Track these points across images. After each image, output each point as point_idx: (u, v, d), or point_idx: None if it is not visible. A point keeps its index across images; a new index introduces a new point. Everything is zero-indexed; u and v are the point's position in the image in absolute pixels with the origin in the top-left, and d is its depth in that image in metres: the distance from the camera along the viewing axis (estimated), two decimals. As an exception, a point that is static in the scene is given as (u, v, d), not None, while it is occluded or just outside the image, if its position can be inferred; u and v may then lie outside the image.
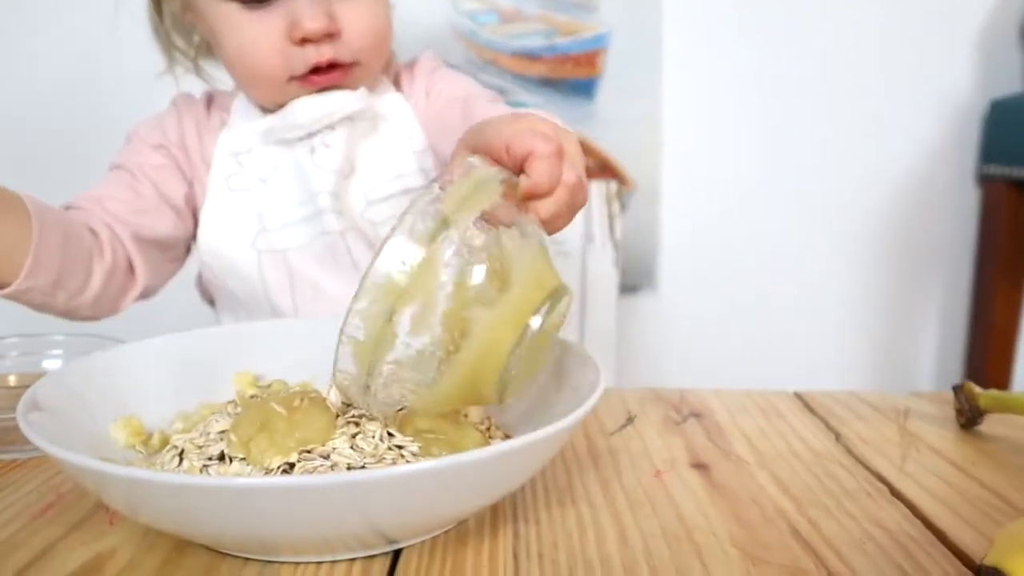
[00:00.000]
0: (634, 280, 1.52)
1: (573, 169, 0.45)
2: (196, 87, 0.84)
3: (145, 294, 0.75)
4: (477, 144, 0.47)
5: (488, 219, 0.41)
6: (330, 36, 0.70)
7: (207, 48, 0.80)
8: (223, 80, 0.82)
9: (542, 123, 0.47)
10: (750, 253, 1.55)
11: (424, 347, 0.40)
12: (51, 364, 0.63)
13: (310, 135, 0.75)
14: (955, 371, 1.63)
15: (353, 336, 0.40)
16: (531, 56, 1.47)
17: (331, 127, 0.75)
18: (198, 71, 0.82)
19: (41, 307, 0.66)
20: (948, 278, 1.61)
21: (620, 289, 1.14)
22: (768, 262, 1.56)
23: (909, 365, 1.64)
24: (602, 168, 1.48)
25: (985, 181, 1.56)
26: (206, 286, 0.82)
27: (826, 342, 1.61)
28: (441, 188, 0.41)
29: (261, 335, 0.60)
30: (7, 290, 0.62)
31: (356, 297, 0.39)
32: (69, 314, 0.69)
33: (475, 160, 0.45)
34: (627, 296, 1.49)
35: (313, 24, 0.68)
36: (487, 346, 0.41)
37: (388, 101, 0.79)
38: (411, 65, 0.83)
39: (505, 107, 0.74)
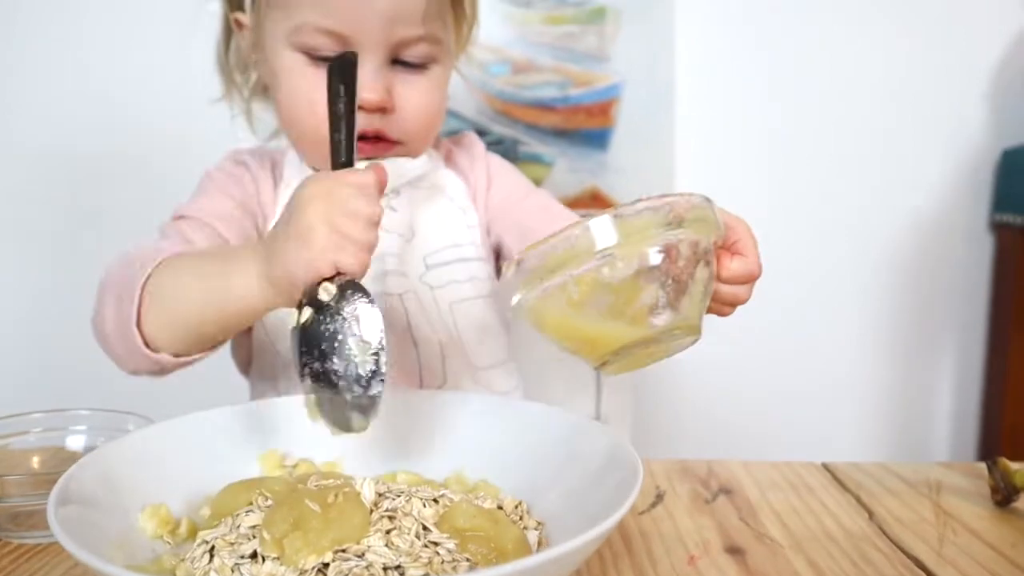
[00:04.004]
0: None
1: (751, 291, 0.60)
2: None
3: None
4: None
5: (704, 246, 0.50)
6: (383, 110, 0.71)
7: (263, 90, 0.80)
8: (269, 123, 0.82)
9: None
10: (763, 305, 1.54)
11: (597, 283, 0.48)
12: (75, 440, 0.63)
13: None
14: (972, 417, 1.61)
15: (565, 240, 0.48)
16: (544, 107, 1.48)
17: (396, 191, 0.76)
18: (248, 113, 0.81)
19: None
20: (963, 325, 1.60)
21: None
22: (781, 313, 1.55)
23: (925, 413, 1.63)
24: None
25: (998, 229, 1.56)
26: (248, 349, 0.81)
27: (841, 392, 1.60)
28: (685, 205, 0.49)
29: (285, 412, 0.60)
30: (182, 361, 0.61)
31: (591, 219, 0.47)
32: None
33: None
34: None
35: (370, 95, 0.69)
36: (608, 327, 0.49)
37: (443, 175, 0.81)
38: (465, 146, 0.85)
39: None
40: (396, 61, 0.71)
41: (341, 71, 0.62)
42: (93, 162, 1.47)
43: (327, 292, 0.51)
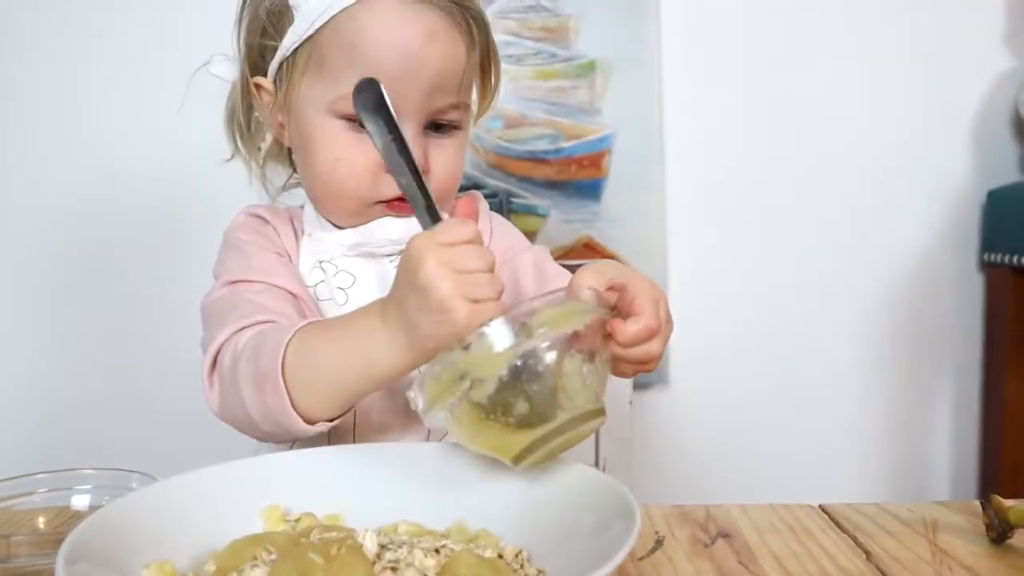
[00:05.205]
0: (645, 376, 1.52)
1: (663, 341, 0.59)
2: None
3: None
4: (610, 278, 0.58)
5: (572, 339, 0.52)
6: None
7: (277, 152, 0.82)
8: (276, 183, 0.85)
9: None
10: (759, 346, 1.56)
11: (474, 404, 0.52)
12: (80, 499, 0.63)
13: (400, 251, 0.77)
14: (971, 456, 1.61)
15: (437, 375, 0.53)
16: (537, 159, 1.51)
17: None
18: (263, 174, 0.84)
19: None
20: (958, 366, 1.62)
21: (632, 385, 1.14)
22: (777, 355, 1.56)
23: (924, 453, 1.63)
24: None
25: (988, 269, 1.58)
26: None
27: (838, 430, 1.61)
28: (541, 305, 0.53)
29: (286, 467, 0.60)
30: (336, 421, 0.65)
31: (451, 350, 0.52)
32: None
33: (586, 293, 0.55)
34: (639, 392, 1.49)
35: None
36: (505, 436, 0.53)
37: None
38: (472, 203, 0.87)
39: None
40: (427, 126, 0.75)
41: (376, 111, 0.64)
42: (94, 221, 1.49)
43: None
